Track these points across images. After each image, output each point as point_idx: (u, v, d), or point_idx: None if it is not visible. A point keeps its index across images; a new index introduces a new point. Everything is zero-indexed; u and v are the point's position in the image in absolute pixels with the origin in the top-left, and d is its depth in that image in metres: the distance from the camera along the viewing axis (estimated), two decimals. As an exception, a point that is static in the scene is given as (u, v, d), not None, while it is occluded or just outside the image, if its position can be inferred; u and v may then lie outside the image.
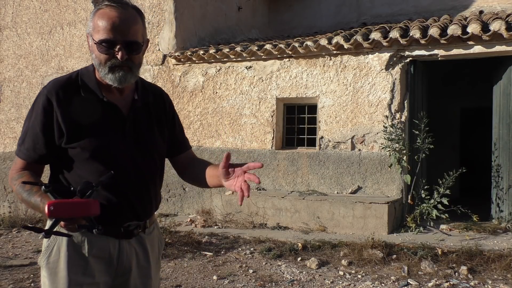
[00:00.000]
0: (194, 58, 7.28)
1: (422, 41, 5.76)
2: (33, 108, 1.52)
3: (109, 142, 1.51)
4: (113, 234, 1.55)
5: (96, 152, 1.49)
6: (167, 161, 1.79)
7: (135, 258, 1.61)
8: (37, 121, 1.49)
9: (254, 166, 1.41)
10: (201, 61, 7.33)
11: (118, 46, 1.44)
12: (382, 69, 6.12)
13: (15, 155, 1.55)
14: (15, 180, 1.49)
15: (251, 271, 4.41)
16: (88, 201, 1.28)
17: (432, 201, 5.59)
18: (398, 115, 6.05)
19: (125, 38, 1.44)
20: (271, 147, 6.84)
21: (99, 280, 1.53)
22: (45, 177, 1.54)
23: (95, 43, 1.45)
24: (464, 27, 5.63)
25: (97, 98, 1.53)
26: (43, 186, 1.32)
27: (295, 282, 4.12)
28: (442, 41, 5.68)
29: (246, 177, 1.41)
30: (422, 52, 5.93)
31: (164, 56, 7.61)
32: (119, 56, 1.44)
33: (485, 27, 5.54)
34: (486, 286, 3.96)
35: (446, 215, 5.46)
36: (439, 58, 5.94)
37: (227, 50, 7.00)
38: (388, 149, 5.90)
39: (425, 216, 5.62)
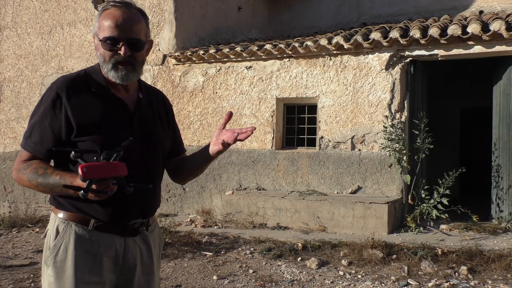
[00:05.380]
0: (194, 58, 7.28)
1: (422, 41, 5.76)
2: (41, 103, 1.54)
3: (118, 136, 1.52)
4: (119, 232, 1.57)
5: (106, 146, 1.48)
6: None
7: (139, 256, 1.63)
8: (46, 115, 1.51)
9: (246, 130, 1.52)
10: (201, 61, 7.33)
11: (121, 43, 1.51)
12: (382, 69, 6.12)
13: (21, 148, 1.55)
14: (24, 169, 1.50)
15: (251, 271, 4.41)
16: (116, 163, 1.35)
17: (432, 201, 5.59)
18: (398, 115, 6.06)
19: (128, 35, 1.51)
20: (271, 147, 6.84)
21: (106, 279, 1.54)
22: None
23: (100, 41, 1.52)
24: (464, 27, 5.63)
25: (105, 94, 1.58)
26: (73, 152, 1.36)
27: (295, 282, 4.12)
28: (442, 41, 5.68)
29: (237, 130, 1.55)
30: (422, 52, 5.93)
31: (164, 56, 7.61)
32: (121, 52, 1.50)
33: (485, 27, 5.54)
34: (486, 286, 3.96)
35: (446, 215, 5.46)
36: (439, 58, 5.94)
37: (227, 50, 7.00)
38: (388, 149, 5.90)
39: (425, 216, 5.62)
